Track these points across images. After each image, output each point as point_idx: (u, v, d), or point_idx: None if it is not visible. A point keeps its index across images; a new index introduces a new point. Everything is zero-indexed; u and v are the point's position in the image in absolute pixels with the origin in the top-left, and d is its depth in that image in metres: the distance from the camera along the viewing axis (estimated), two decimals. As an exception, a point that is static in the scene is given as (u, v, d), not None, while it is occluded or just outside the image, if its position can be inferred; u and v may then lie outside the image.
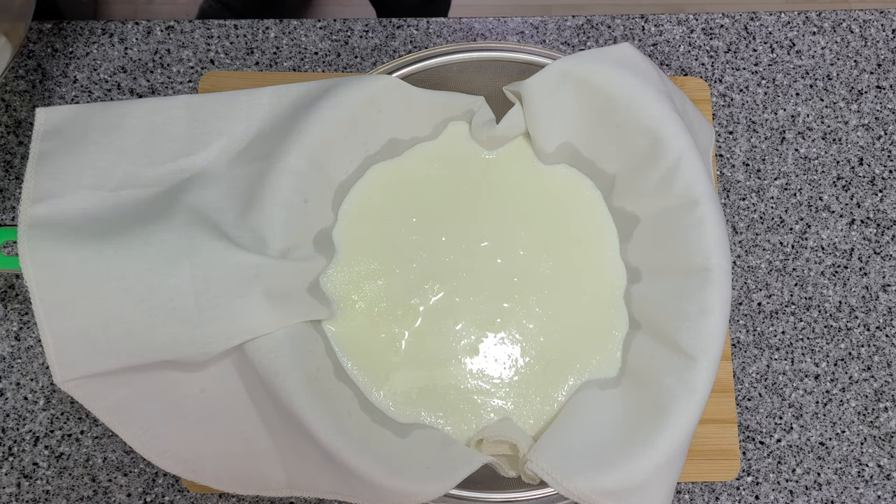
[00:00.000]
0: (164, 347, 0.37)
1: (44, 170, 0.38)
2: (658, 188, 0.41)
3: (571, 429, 0.40)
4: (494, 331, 0.44)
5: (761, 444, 0.50)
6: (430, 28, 0.55)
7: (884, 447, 0.50)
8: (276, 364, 0.38)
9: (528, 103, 0.43)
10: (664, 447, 0.37)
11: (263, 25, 0.55)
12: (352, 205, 0.46)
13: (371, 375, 0.43)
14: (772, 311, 0.52)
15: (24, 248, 0.35)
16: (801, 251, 0.53)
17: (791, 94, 0.55)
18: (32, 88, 0.53)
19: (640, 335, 0.43)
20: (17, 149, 0.53)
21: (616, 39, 0.55)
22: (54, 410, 0.50)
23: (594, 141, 0.44)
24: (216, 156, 0.41)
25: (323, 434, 0.37)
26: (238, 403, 0.40)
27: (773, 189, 0.54)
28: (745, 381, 0.51)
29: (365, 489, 0.37)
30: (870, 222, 0.53)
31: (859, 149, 0.54)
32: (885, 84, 0.55)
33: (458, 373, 0.44)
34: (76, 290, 0.35)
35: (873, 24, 0.56)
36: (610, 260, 0.46)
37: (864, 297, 0.52)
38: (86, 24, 0.54)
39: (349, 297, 0.44)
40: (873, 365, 0.51)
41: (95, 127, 0.40)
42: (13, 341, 0.50)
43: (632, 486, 0.37)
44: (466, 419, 0.43)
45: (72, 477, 0.49)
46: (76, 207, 0.38)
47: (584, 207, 0.46)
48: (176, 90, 0.54)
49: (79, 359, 0.36)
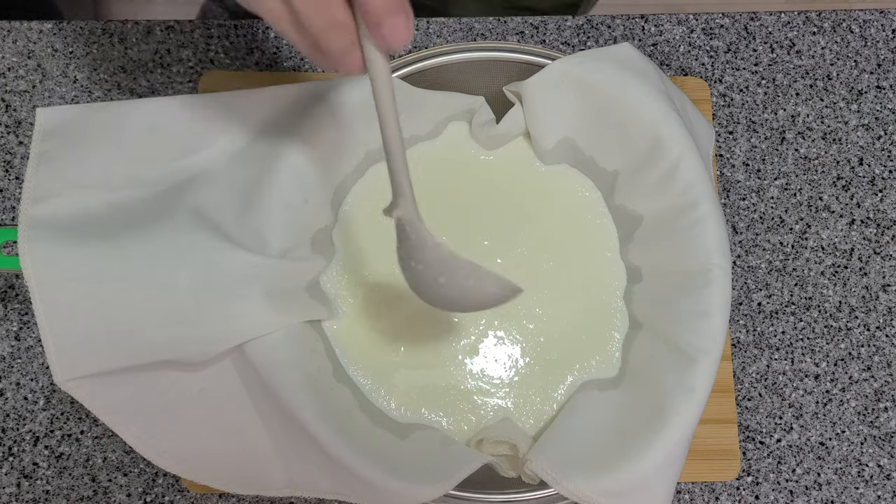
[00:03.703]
0: (163, 347, 0.37)
1: (44, 170, 0.38)
2: (658, 188, 0.41)
3: (571, 429, 0.40)
4: (494, 331, 0.44)
5: (761, 444, 0.50)
6: (430, 28, 0.55)
7: (884, 447, 0.50)
8: (276, 364, 0.38)
9: (528, 103, 0.43)
10: (664, 447, 0.37)
11: (263, 25, 0.55)
12: (352, 205, 0.46)
13: (371, 375, 0.43)
14: (772, 311, 0.52)
15: (25, 247, 0.35)
16: (801, 251, 0.53)
17: (791, 94, 0.55)
18: (32, 88, 0.53)
19: (641, 335, 0.43)
20: (17, 149, 0.53)
21: (616, 39, 0.55)
22: (54, 410, 0.50)
23: (595, 140, 0.44)
24: (216, 156, 0.41)
25: (323, 434, 0.37)
26: (238, 403, 0.40)
27: (773, 189, 0.53)
28: (745, 381, 0.51)
29: (364, 489, 0.37)
30: (870, 222, 0.53)
31: (859, 149, 0.54)
32: (886, 84, 0.55)
33: (458, 373, 0.44)
34: (76, 290, 0.35)
35: (873, 24, 0.56)
36: (610, 260, 0.46)
37: (864, 297, 0.52)
38: (86, 23, 0.54)
39: (349, 296, 0.44)
40: (873, 365, 0.51)
41: (96, 127, 0.40)
42: (13, 341, 0.50)
43: (632, 486, 0.37)
44: (466, 419, 0.43)
45: (72, 477, 0.49)
46: (76, 207, 0.38)
47: (584, 207, 0.46)
48: (176, 90, 0.54)
49: (79, 358, 0.36)
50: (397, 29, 0.26)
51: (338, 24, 0.27)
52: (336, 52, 0.28)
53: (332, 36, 0.27)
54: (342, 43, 0.27)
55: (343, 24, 0.27)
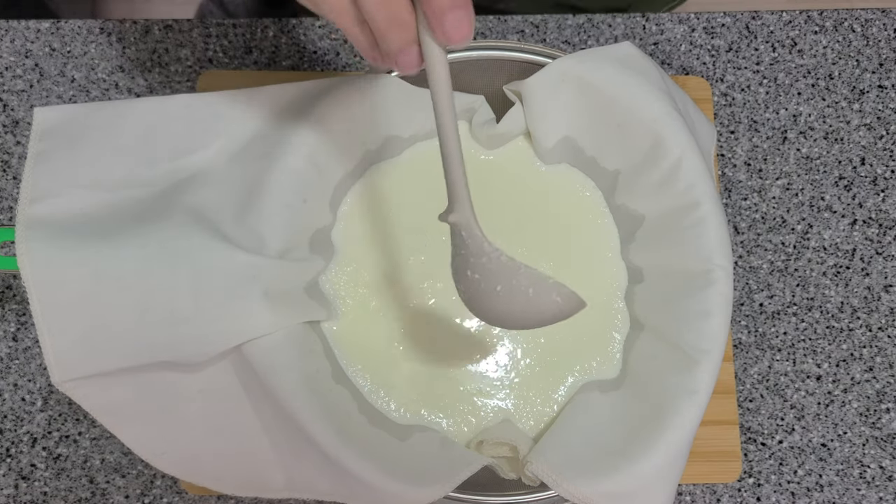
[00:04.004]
0: (162, 348, 0.37)
1: (42, 169, 0.38)
2: (659, 187, 0.41)
3: (572, 430, 0.40)
4: (495, 331, 0.44)
5: (763, 445, 0.50)
6: (430, 27, 0.55)
7: (886, 448, 0.50)
8: (275, 365, 0.37)
9: (528, 103, 0.43)
10: (665, 449, 0.37)
11: (262, 24, 0.55)
12: (351, 205, 0.45)
13: (370, 377, 0.43)
14: (773, 312, 0.52)
15: (22, 247, 0.35)
16: (802, 251, 0.53)
17: (793, 93, 0.55)
18: (30, 88, 0.53)
19: (642, 336, 0.43)
20: (15, 148, 0.53)
21: (617, 38, 0.55)
22: (52, 412, 0.49)
23: (595, 139, 0.44)
24: (215, 156, 0.41)
25: (321, 436, 0.37)
26: (236, 405, 0.40)
27: (775, 189, 0.53)
28: (747, 382, 0.51)
29: (364, 491, 0.37)
30: (872, 222, 0.53)
31: (861, 148, 0.54)
32: (887, 83, 0.55)
33: (458, 374, 0.44)
34: (74, 291, 0.35)
35: (875, 23, 0.56)
36: (610, 261, 0.45)
37: (866, 297, 0.52)
38: (83, 23, 0.54)
39: (348, 297, 0.44)
40: (875, 366, 0.51)
41: (94, 127, 0.40)
42: (10, 342, 0.50)
43: (633, 487, 0.37)
44: (466, 420, 0.43)
45: (70, 478, 0.49)
46: (74, 207, 0.38)
47: (584, 207, 0.46)
48: (174, 89, 0.54)
49: (77, 359, 0.36)
50: (461, 23, 0.26)
51: (400, 20, 0.27)
52: (395, 49, 0.28)
53: (393, 32, 0.27)
54: (403, 39, 0.27)
55: (405, 21, 0.27)
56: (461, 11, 0.26)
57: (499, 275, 0.32)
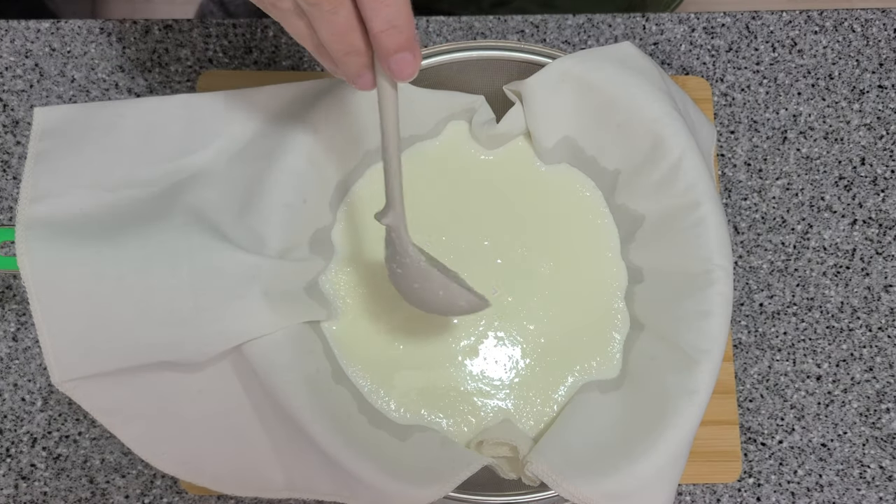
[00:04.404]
0: (162, 348, 0.37)
1: (42, 169, 0.38)
2: (659, 187, 0.41)
3: (572, 430, 0.40)
4: (494, 331, 0.44)
5: (763, 445, 0.50)
6: (430, 27, 0.55)
7: (886, 448, 0.50)
8: (275, 365, 0.37)
9: (528, 103, 0.43)
10: (665, 449, 0.37)
11: (262, 24, 0.55)
12: (351, 205, 0.45)
13: (370, 377, 0.43)
14: (773, 312, 0.52)
15: (22, 247, 0.35)
16: (802, 251, 0.53)
17: (793, 93, 0.55)
18: (30, 88, 0.53)
19: (642, 336, 0.43)
20: (15, 148, 0.53)
21: (617, 38, 0.55)
22: (52, 412, 0.49)
23: (595, 139, 0.44)
24: (215, 156, 0.41)
25: (321, 436, 0.37)
26: (236, 404, 0.40)
27: (775, 189, 0.53)
28: (747, 382, 0.51)
29: (364, 491, 0.37)
30: (872, 222, 0.53)
31: (861, 148, 0.54)
32: (887, 83, 0.55)
33: (458, 374, 0.44)
34: (74, 290, 0.35)
35: (875, 23, 0.56)
36: (610, 260, 0.45)
37: (866, 297, 0.52)
38: (83, 23, 0.54)
39: (348, 297, 0.44)
40: (875, 366, 0.51)
41: (94, 127, 0.40)
42: (10, 342, 0.50)
43: (633, 488, 0.36)
44: (466, 420, 0.43)
45: (69, 478, 0.49)
46: (74, 207, 0.38)
47: (584, 207, 0.46)
48: (174, 89, 0.54)
49: (77, 359, 0.36)
50: (406, 63, 0.29)
51: (356, 49, 0.30)
52: (352, 73, 0.31)
53: (350, 59, 0.31)
54: (358, 65, 0.31)
55: (359, 49, 0.30)
56: (406, 53, 0.29)
57: (416, 275, 0.37)
